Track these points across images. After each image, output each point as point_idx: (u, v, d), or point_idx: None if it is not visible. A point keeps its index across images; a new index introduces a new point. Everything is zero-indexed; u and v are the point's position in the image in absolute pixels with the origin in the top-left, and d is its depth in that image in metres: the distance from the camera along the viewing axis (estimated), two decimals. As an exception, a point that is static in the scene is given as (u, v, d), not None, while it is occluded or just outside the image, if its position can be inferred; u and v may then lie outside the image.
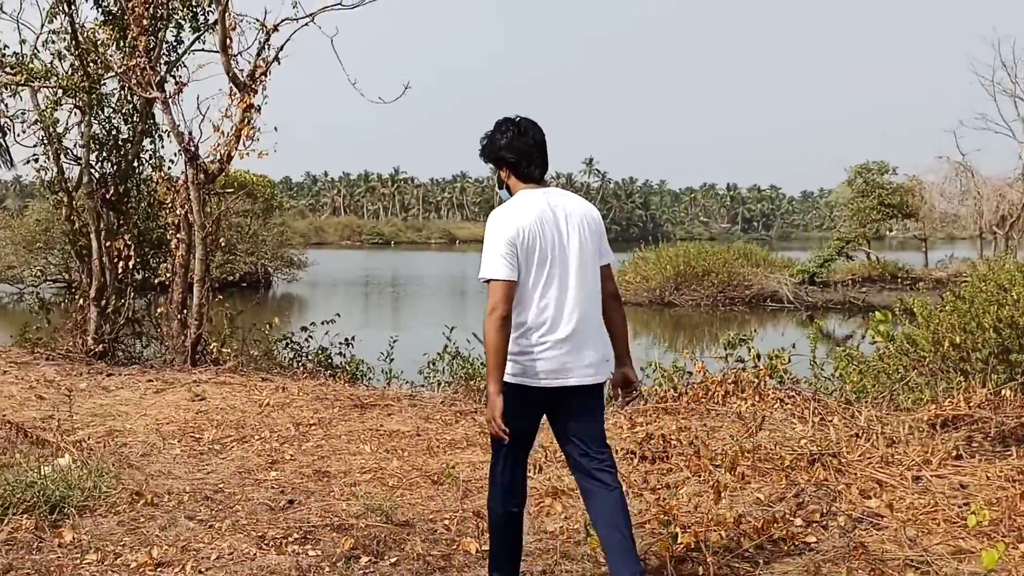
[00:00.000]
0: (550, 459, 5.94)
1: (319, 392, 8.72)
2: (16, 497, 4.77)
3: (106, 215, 10.72)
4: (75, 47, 10.43)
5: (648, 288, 29.25)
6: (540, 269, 3.75)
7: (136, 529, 4.68)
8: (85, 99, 10.46)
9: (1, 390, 8.51)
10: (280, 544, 4.48)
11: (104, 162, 10.91)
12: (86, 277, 10.96)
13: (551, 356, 3.74)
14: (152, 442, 6.71)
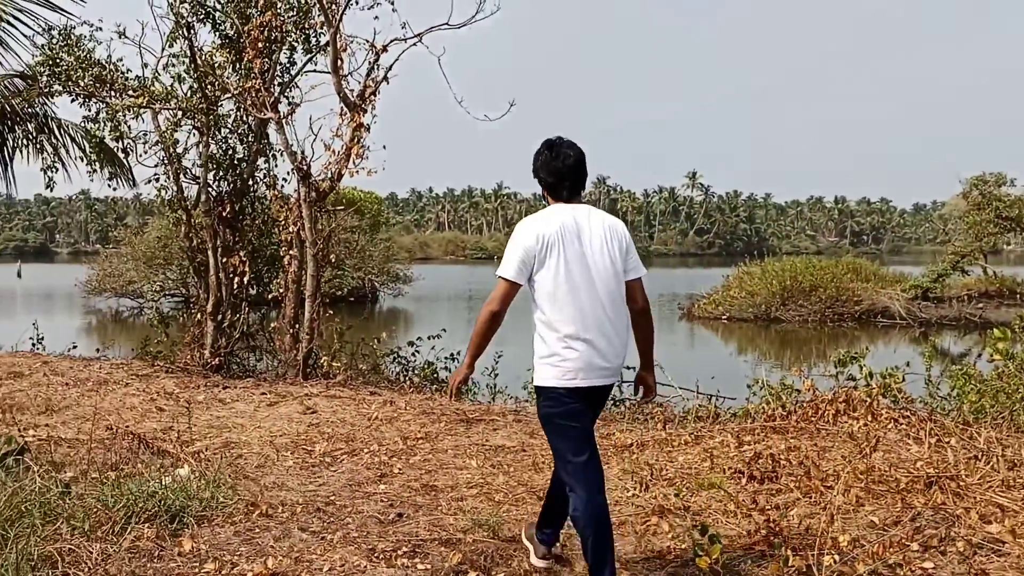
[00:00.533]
0: (656, 477, 5.89)
1: (425, 406, 8.84)
2: (139, 506, 4.93)
3: (222, 232, 11.08)
4: (194, 70, 10.83)
5: (753, 303, 28.74)
6: (563, 274, 4.05)
7: (252, 539, 4.80)
8: (203, 120, 10.86)
9: (124, 402, 8.87)
10: (390, 557, 4.55)
11: (221, 181, 11.28)
12: (203, 292, 11.34)
13: (579, 357, 4.04)
14: (266, 454, 6.89)
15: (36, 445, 6.57)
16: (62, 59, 11.00)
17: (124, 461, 6.17)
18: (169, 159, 11.07)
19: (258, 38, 10.29)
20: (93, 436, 6.80)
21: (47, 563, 4.16)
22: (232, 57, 10.89)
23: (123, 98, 11.00)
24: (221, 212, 11.08)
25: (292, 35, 10.88)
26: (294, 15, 10.76)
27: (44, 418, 8.03)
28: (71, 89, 11.07)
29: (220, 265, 11.01)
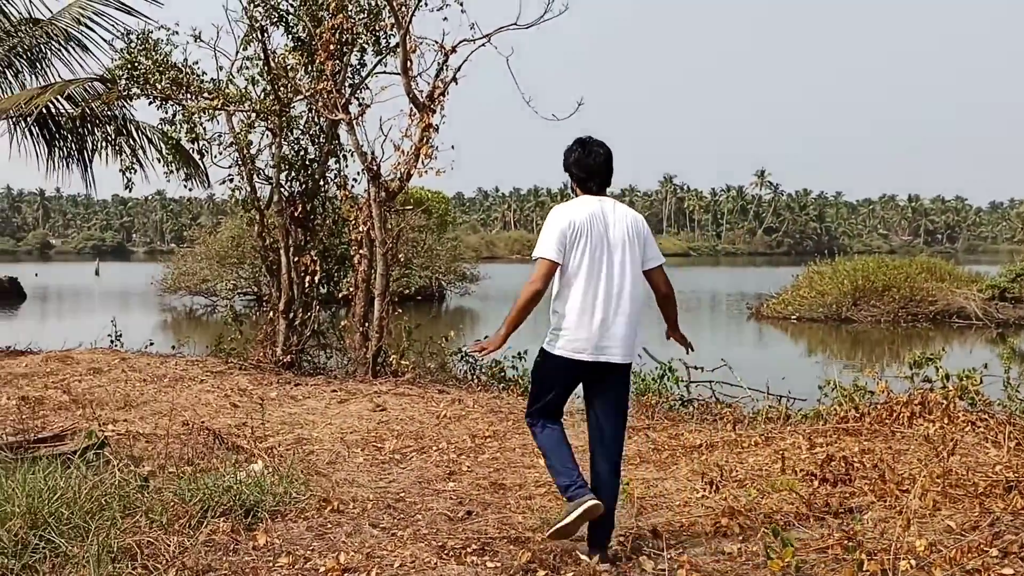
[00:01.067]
0: (725, 478, 5.85)
1: (493, 405, 8.88)
2: (214, 500, 5.03)
3: (294, 232, 11.28)
4: (267, 72, 11.04)
5: (824, 303, 28.23)
6: (587, 260, 4.52)
7: (324, 535, 4.87)
8: (276, 122, 11.05)
9: (199, 398, 9.07)
10: (459, 554, 4.58)
11: (293, 181, 11.47)
12: (275, 291, 11.54)
13: (589, 334, 4.52)
14: (337, 450, 7.00)
15: (115, 439, 6.76)
16: (140, 62, 11.28)
17: (200, 456, 6.31)
18: (243, 160, 11.29)
19: (330, 40, 10.44)
20: (170, 431, 6.96)
21: (127, 555, 4.25)
22: (304, 59, 11.07)
23: (199, 100, 11.25)
24: (293, 212, 11.27)
25: (363, 37, 11.01)
26: (365, 17, 10.89)
27: (123, 413, 8.25)
28: (149, 92, 11.35)
29: (292, 264, 11.20)
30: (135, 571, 4.14)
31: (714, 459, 6.40)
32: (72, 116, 12.80)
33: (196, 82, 11.30)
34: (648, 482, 5.99)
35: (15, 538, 4.20)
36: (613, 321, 4.54)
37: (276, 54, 11.26)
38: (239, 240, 29.15)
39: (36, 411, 8.24)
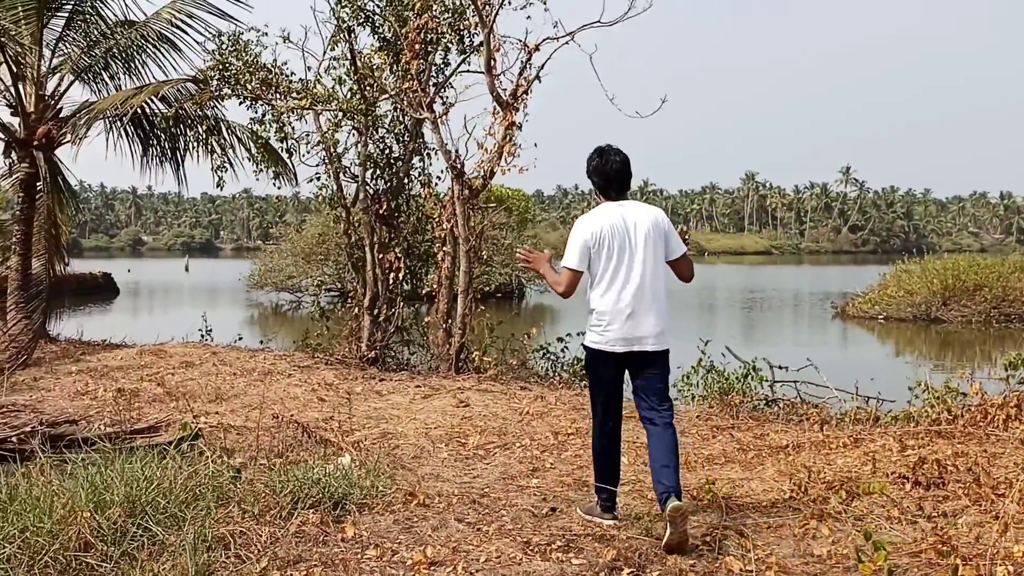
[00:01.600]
0: (814, 480, 5.75)
1: (575, 402, 8.88)
2: (304, 492, 5.12)
3: (379, 229, 11.43)
4: (354, 72, 11.20)
5: (912, 303, 27.53)
6: (611, 263, 4.98)
7: (410, 528, 4.93)
8: (362, 121, 11.22)
9: (287, 391, 9.26)
10: (544, 551, 4.60)
11: (378, 179, 11.63)
12: (360, 287, 11.72)
13: (619, 328, 4.96)
14: (422, 445, 7.07)
15: (208, 431, 6.94)
16: (231, 64, 11.56)
17: (289, 448, 6.45)
18: (330, 158, 11.49)
19: (415, 40, 10.56)
20: (260, 424, 7.13)
21: (220, 544, 4.36)
22: (390, 59, 11.22)
23: (287, 100, 11.48)
24: (378, 209, 11.42)
25: (447, 36, 11.11)
26: (449, 17, 10.99)
27: (214, 406, 8.46)
28: (239, 92, 11.62)
29: (376, 261, 11.35)
30: (228, 560, 4.23)
31: (801, 460, 6.30)
32: (166, 116, 13.16)
33: (285, 82, 11.54)
34: (734, 482, 5.93)
35: (114, 526, 4.34)
36: (644, 315, 4.97)
37: (362, 54, 11.44)
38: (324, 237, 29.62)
39: (132, 403, 8.51)
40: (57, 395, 9.15)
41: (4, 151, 13.53)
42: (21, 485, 4.72)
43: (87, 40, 14.04)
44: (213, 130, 13.34)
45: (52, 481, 4.81)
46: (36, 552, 4.04)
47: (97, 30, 14.01)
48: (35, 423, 6.78)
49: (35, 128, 13.20)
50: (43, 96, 13.49)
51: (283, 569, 4.20)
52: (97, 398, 8.92)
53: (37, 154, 13.05)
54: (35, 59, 13.28)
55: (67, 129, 13.35)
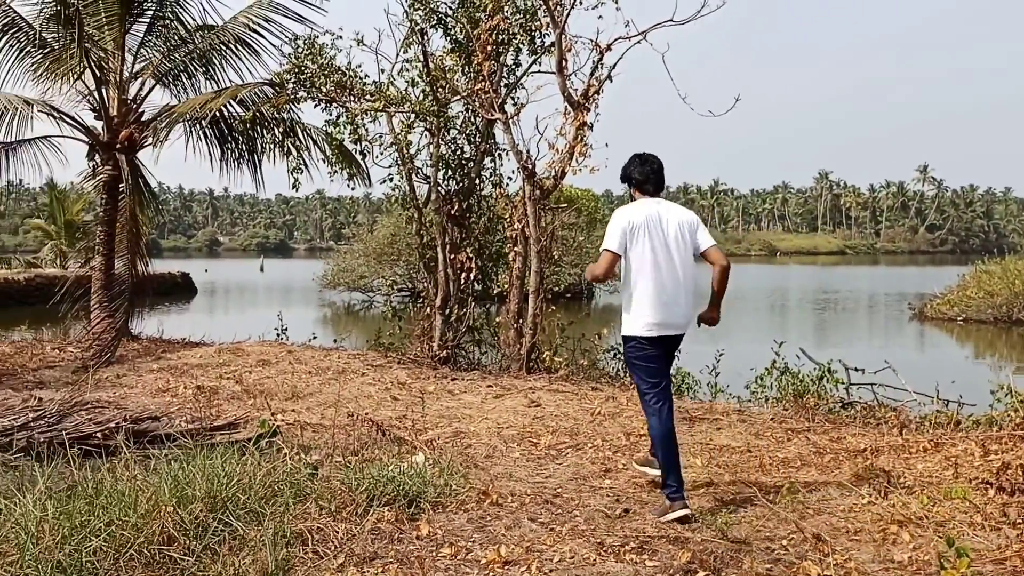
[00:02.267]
0: (893, 484, 5.65)
1: (647, 404, 8.82)
2: (379, 490, 5.18)
3: (451, 229, 11.51)
4: (426, 74, 11.29)
5: (993, 304, 26.76)
6: (649, 254, 5.42)
7: (484, 527, 4.95)
8: (434, 122, 11.30)
9: (361, 390, 9.37)
10: (618, 552, 4.58)
11: (450, 180, 11.70)
12: (432, 287, 11.80)
13: (660, 314, 5.41)
14: (494, 444, 7.10)
15: (285, 429, 7.06)
16: (307, 67, 11.73)
17: (364, 446, 6.53)
18: (402, 160, 11.59)
19: (487, 41, 10.60)
20: (335, 422, 7.23)
21: (298, 540, 4.43)
22: (462, 61, 11.29)
23: (361, 102, 11.61)
24: (450, 210, 11.50)
25: (518, 37, 11.14)
26: (521, 18, 11.02)
27: (290, 403, 8.61)
28: (314, 95, 11.79)
29: (448, 261, 11.43)
30: (306, 556, 4.30)
31: (880, 464, 6.19)
32: (244, 119, 13.41)
33: (359, 85, 11.66)
34: (810, 485, 5.85)
35: (196, 520, 4.43)
36: (676, 303, 5.46)
37: (435, 56, 11.52)
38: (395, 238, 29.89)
39: (211, 400, 8.71)
40: (139, 392, 9.40)
41: (88, 154, 13.93)
42: (107, 480, 4.84)
43: (167, 45, 14.38)
44: (289, 132, 13.55)
45: (136, 476, 4.93)
46: (121, 545, 4.13)
47: (177, 35, 14.34)
48: (119, 419, 6.97)
49: (118, 131, 13.56)
50: (125, 100, 13.86)
51: (359, 566, 4.25)
52: (178, 395, 9.14)
53: (120, 157, 13.41)
54: (118, 64, 13.66)
55: (148, 132, 13.71)
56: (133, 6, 13.75)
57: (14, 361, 11.74)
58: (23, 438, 6.31)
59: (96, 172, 13.84)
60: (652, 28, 10.02)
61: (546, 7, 10.35)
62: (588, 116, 10.35)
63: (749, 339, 22.74)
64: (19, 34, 13.44)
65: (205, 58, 14.40)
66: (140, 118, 13.97)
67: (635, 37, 10.10)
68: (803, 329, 27.25)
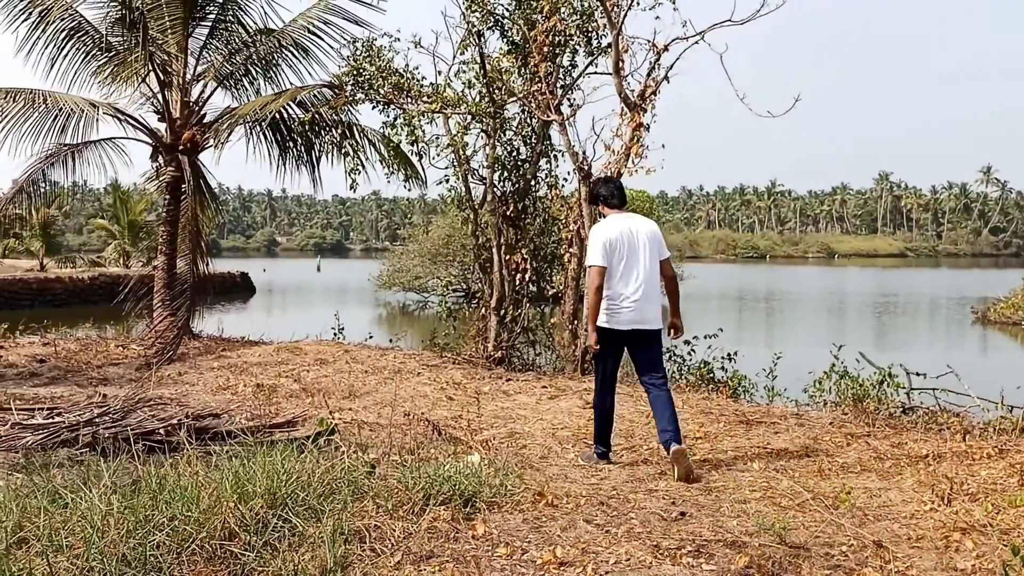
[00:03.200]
0: (956, 491, 5.55)
1: (703, 406, 8.77)
2: (435, 489, 5.19)
3: (506, 230, 11.54)
4: (483, 76, 11.34)
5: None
6: (621, 262, 6.46)
7: (539, 528, 4.95)
8: (490, 123, 11.34)
9: (417, 390, 9.44)
10: (675, 555, 4.56)
11: (505, 181, 11.74)
12: (487, 288, 11.84)
13: (627, 311, 6.44)
14: (549, 445, 7.11)
15: (343, 427, 7.14)
16: (365, 69, 11.84)
17: (420, 445, 6.56)
18: (458, 161, 11.65)
19: (543, 43, 10.62)
20: (392, 421, 7.30)
21: (356, 537, 4.47)
22: (518, 62, 11.32)
23: (418, 104, 11.69)
24: (505, 211, 11.53)
25: (575, 39, 11.13)
26: (577, 19, 11.02)
27: (347, 402, 8.70)
28: (372, 97, 11.90)
29: (503, 262, 11.46)
30: (364, 553, 4.34)
31: (942, 470, 6.09)
32: (302, 121, 13.58)
33: (416, 86, 11.75)
34: (871, 491, 5.76)
35: (256, 516, 4.50)
36: (646, 302, 6.47)
37: (491, 58, 11.56)
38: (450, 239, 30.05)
39: (270, 398, 8.83)
40: (200, 389, 9.56)
41: (152, 155, 14.21)
42: (170, 475, 4.94)
43: (229, 48, 14.61)
44: (347, 134, 13.70)
45: (198, 472, 5.01)
46: (184, 540, 4.20)
47: (238, 38, 14.57)
48: (181, 416, 7.10)
49: (180, 133, 13.81)
50: (188, 102, 14.11)
51: (416, 564, 4.28)
52: (237, 393, 9.28)
53: (182, 158, 13.65)
54: (181, 67, 13.91)
55: (210, 134, 13.94)
56: (196, 10, 14.00)
57: (79, 358, 12.01)
58: (88, 434, 6.45)
59: (159, 173, 14.13)
60: (710, 28, 9.96)
61: (603, 8, 10.33)
62: (644, 117, 10.31)
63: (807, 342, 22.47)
64: (85, 38, 13.76)
65: (265, 61, 14.60)
66: (202, 120, 14.22)
67: (693, 37, 10.05)
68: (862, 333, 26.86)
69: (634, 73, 10.50)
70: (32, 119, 13.42)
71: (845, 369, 10.33)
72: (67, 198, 22.79)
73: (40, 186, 14.11)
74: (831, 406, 9.72)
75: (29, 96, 13.16)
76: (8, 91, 13.10)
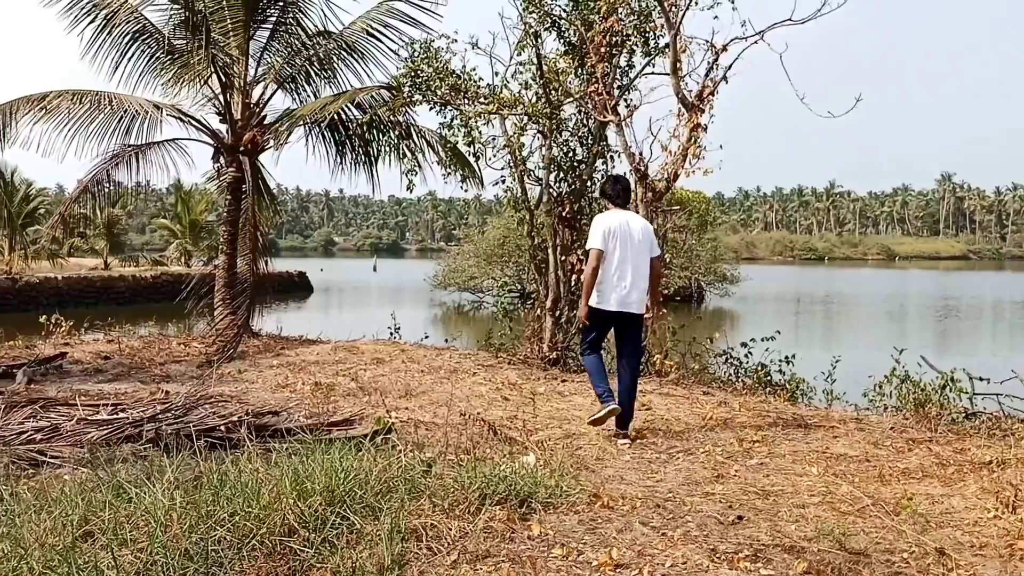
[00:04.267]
0: (1021, 498, 5.43)
1: (760, 409, 8.69)
2: (491, 489, 5.20)
3: (562, 231, 11.52)
4: (540, 76, 11.34)
5: None
6: (616, 250, 7.42)
7: (595, 529, 4.93)
8: (547, 124, 11.34)
9: (472, 390, 9.48)
10: (732, 559, 4.52)
11: (561, 182, 11.72)
12: (543, 289, 11.84)
13: (616, 293, 7.42)
14: (604, 447, 7.09)
15: (399, 426, 7.19)
16: (422, 70, 11.90)
17: (476, 445, 6.58)
18: (515, 162, 11.65)
19: (601, 43, 10.59)
20: (448, 420, 7.33)
21: (413, 535, 4.50)
22: (575, 63, 11.30)
23: (475, 105, 11.72)
24: (561, 212, 11.51)
25: (632, 39, 11.08)
26: (635, 19, 10.96)
27: (404, 401, 8.76)
28: (430, 98, 11.95)
29: (559, 263, 11.45)
30: (421, 551, 4.37)
31: (1007, 477, 5.96)
32: (361, 122, 13.70)
33: (473, 88, 11.78)
34: (933, 498, 5.66)
35: (315, 513, 4.55)
36: (635, 288, 7.45)
37: (548, 58, 11.54)
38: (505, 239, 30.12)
39: (328, 396, 8.92)
40: (260, 387, 9.69)
41: (213, 156, 14.44)
42: (231, 471, 5.02)
43: (288, 50, 14.80)
44: (404, 135, 13.80)
45: (258, 469, 5.08)
46: (244, 535, 4.27)
47: (298, 40, 14.75)
48: (241, 413, 7.22)
49: (241, 134, 14.02)
50: (249, 104, 14.32)
51: (472, 563, 4.30)
52: (296, 391, 9.39)
53: (243, 159, 13.86)
54: (242, 69, 14.12)
55: (270, 135, 14.13)
56: (257, 12, 14.20)
57: (142, 355, 12.25)
58: (151, 430, 6.58)
59: (220, 174, 14.36)
60: (770, 28, 9.84)
61: (661, 8, 10.28)
62: (702, 118, 10.21)
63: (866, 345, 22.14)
64: (149, 40, 14.02)
65: (324, 62, 14.75)
66: (262, 121, 14.42)
67: (752, 37, 9.93)
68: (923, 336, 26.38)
69: (692, 73, 10.42)
70: (98, 120, 13.73)
71: (906, 373, 10.15)
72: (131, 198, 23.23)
73: (104, 186, 14.41)
74: (892, 411, 9.56)
75: (95, 98, 13.45)
76: (75, 93, 13.40)
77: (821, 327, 31.99)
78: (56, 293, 32.30)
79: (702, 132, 10.25)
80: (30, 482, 5.52)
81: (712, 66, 10.26)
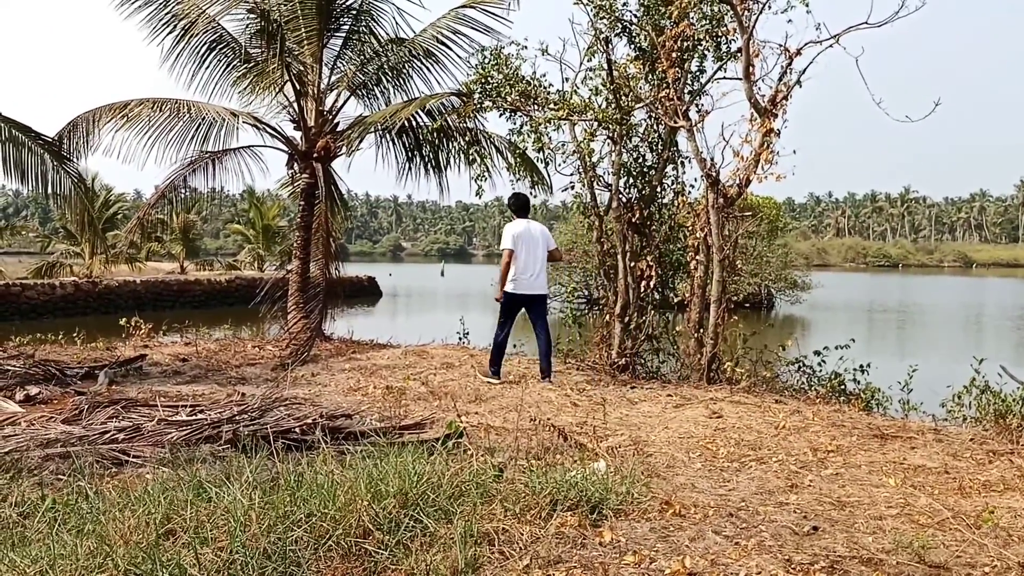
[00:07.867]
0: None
1: (835, 418, 8.55)
2: (562, 494, 5.20)
3: (631, 237, 11.48)
4: (610, 82, 11.32)
5: None
6: (523, 250, 10.16)
7: (667, 537, 4.90)
8: (617, 130, 11.31)
9: (542, 395, 9.48)
10: (807, 570, 4.45)
11: (631, 188, 11.68)
12: (612, 295, 11.81)
13: (525, 282, 10.19)
14: (674, 454, 7.04)
15: (470, 430, 7.23)
16: (492, 77, 11.97)
17: (546, 451, 6.60)
18: (584, 168, 11.65)
19: (672, 48, 10.54)
20: (518, 425, 7.35)
21: (485, 540, 4.52)
22: (645, 68, 11.25)
23: (545, 111, 11.74)
24: (630, 218, 11.47)
25: (704, 43, 11.01)
26: (707, 24, 10.89)
27: (474, 406, 8.80)
28: (499, 104, 12.02)
29: (628, 269, 11.41)
30: (493, 556, 4.38)
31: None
32: (431, 128, 13.82)
33: (542, 94, 11.81)
34: (1015, 511, 5.51)
35: (389, 516, 4.59)
36: (538, 277, 10.29)
37: (618, 64, 11.53)
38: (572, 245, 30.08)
39: (399, 400, 9.01)
40: (332, 390, 9.82)
41: (287, 162, 14.70)
42: (307, 473, 5.10)
43: (361, 58, 15.00)
44: (474, 141, 13.89)
45: (333, 471, 5.15)
46: (321, 536, 4.33)
47: (370, 48, 14.95)
48: (315, 415, 7.33)
49: (315, 141, 14.25)
50: (322, 111, 14.55)
51: (544, 568, 4.30)
52: (368, 394, 9.50)
53: (316, 165, 14.08)
54: (316, 77, 14.35)
55: (342, 142, 14.33)
56: (331, 21, 14.42)
57: (219, 358, 12.50)
58: (229, 430, 6.72)
59: (294, 180, 14.60)
60: (845, 31, 9.71)
61: (733, 12, 10.20)
62: (775, 122, 10.12)
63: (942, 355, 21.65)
64: (225, 49, 14.32)
65: (395, 69, 14.93)
66: (335, 128, 14.64)
67: (827, 41, 9.81)
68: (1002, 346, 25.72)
69: (764, 78, 10.33)
70: (177, 128, 14.07)
71: (986, 383, 9.91)
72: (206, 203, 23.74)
73: (181, 192, 14.76)
74: (971, 422, 9.34)
75: (175, 106, 13.78)
76: (155, 101, 13.74)
77: (895, 336, 31.34)
78: (134, 296, 33.11)
79: (775, 137, 10.14)
80: (113, 480, 5.68)
81: (785, 70, 10.17)
